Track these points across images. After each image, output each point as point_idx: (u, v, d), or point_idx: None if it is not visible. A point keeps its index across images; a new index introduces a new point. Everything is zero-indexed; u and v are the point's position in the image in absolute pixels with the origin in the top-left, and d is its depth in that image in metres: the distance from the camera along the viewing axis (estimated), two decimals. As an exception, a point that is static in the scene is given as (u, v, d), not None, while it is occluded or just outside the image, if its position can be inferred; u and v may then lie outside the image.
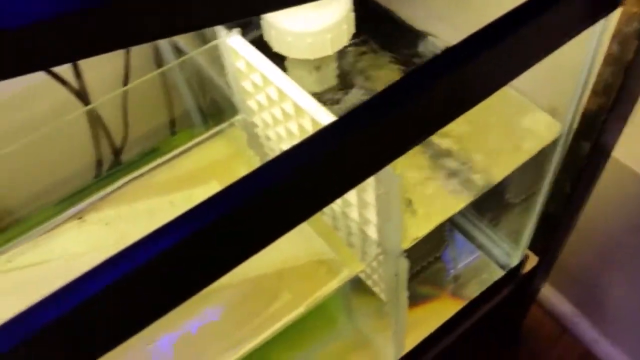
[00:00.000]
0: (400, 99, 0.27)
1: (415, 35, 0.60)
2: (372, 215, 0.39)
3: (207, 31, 0.51)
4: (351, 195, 0.40)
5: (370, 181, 0.36)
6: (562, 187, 0.54)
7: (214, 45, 0.46)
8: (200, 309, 0.48)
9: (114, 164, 0.67)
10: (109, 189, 0.59)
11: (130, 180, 0.59)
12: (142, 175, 0.58)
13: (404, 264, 0.43)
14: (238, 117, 0.54)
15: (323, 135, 0.26)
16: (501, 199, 0.64)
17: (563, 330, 0.82)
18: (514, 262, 0.65)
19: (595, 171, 0.53)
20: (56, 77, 0.58)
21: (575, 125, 0.47)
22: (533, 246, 0.66)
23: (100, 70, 0.61)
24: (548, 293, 0.82)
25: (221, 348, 0.45)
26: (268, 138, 0.48)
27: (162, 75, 0.63)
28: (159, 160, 0.58)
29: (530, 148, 0.49)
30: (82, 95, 0.61)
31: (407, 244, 0.41)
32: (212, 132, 0.59)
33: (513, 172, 0.51)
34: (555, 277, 0.81)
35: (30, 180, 0.61)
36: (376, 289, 0.47)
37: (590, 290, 0.76)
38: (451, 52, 0.28)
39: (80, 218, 0.60)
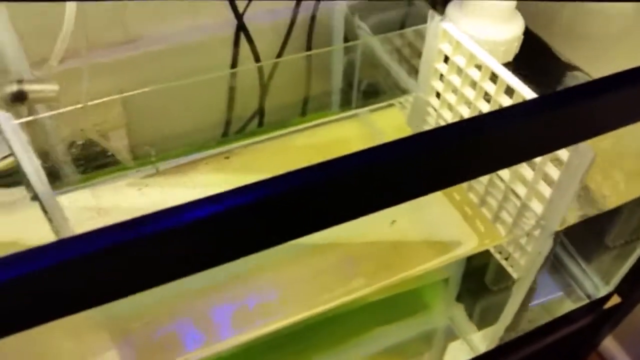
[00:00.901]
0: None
1: (565, 69, 0.67)
2: (546, 190, 0.45)
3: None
4: (526, 169, 0.47)
5: (563, 153, 0.42)
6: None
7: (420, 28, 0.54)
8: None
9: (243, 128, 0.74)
10: (253, 139, 0.66)
11: (273, 137, 0.66)
12: (290, 134, 0.65)
13: (550, 244, 0.49)
14: (405, 97, 0.62)
15: (527, 106, 0.30)
16: (602, 239, 0.70)
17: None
18: (600, 294, 0.70)
19: None
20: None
21: None
22: (619, 287, 0.71)
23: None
24: (610, 345, 0.87)
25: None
26: (442, 117, 0.55)
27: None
28: (307, 124, 0.65)
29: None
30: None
31: (563, 226, 0.47)
32: (368, 109, 0.66)
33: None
34: (619, 329, 0.85)
35: (174, 122, 0.69)
36: (509, 267, 0.53)
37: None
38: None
39: (227, 158, 0.67)
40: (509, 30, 0.61)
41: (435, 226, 0.55)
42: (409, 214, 0.55)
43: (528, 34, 0.64)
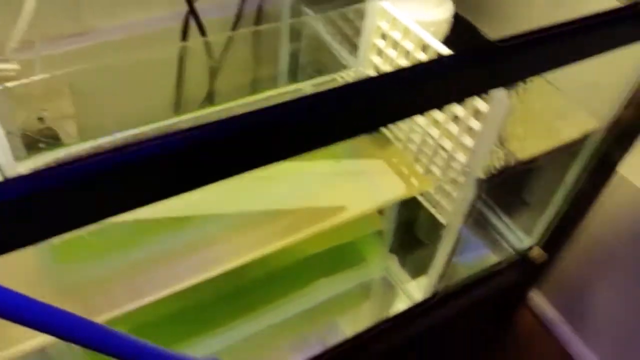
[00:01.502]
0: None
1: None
2: (469, 141, 0.53)
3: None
4: (452, 126, 0.55)
5: (483, 105, 0.50)
6: (583, 187, 0.69)
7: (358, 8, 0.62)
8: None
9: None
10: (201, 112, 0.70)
11: (222, 111, 0.70)
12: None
13: (473, 190, 0.57)
14: (347, 72, 0.69)
15: (445, 59, 0.39)
16: (520, 194, 0.79)
17: (548, 333, 0.95)
18: (525, 246, 0.79)
19: (609, 176, 0.69)
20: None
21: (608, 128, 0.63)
22: (544, 242, 0.81)
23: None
24: (538, 298, 0.97)
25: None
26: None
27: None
28: (254, 98, 0.71)
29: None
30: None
31: (485, 174, 0.56)
32: (311, 83, 0.73)
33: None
34: (546, 283, 0.96)
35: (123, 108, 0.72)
36: (438, 213, 0.61)
37: (576, 297, 0.91)
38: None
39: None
40: (438, 13, 0.70)
41: (371, 181, 0.62)
42: (346, 176, 0.62)
43: (457, 17, 0.73)
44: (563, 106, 0.69)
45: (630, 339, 0.87)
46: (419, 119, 0.58)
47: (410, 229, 0.72)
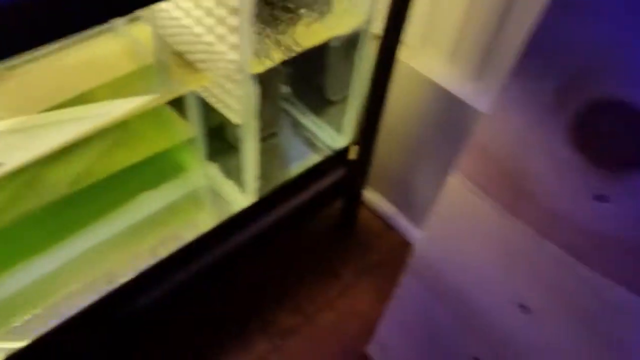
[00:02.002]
0: None
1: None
2: (234, 38, 0.60)
3: None
4: (218, 27, 0.61)
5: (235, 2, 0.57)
6: (374, 78, 0.78)
7: None
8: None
9: None
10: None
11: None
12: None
13: (253, 87, 0.64)
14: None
15: None
16: (324, 94, 0.88)
17: (388, 227, 1.06)
18: (340, 145, 0.88)
19: (392, 64, 0.78)
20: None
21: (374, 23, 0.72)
22: (356, 139, 0.90)
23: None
24: (373, 197, 1.07)
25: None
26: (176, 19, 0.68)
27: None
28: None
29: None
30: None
31: (260, 69, 0.63)
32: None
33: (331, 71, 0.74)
34: (377, 183, 1.06)
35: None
36: (230, 114, 0.67)
37: (402, 188, 1.01)
38: None
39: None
40: None
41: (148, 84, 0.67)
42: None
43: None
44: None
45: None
46: (184, 20, 0.63)
47: (221, 135, 0.78)
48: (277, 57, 0.66)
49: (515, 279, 0.60)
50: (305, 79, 0.90)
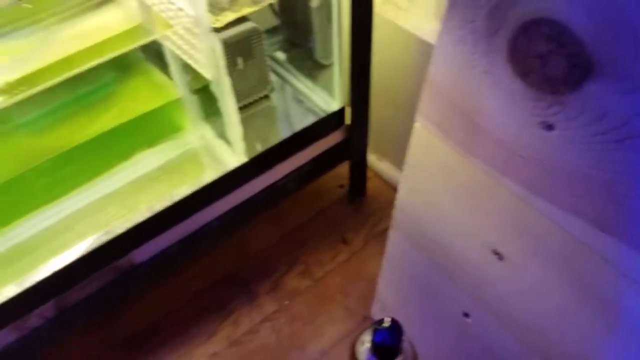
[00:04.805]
0: None
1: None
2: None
3: None
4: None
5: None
6: (354, 32, 0.77)
7: None
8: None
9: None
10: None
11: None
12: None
13: (216, 40, 0.66)
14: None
15: None
16: (314, 57, 0.89)
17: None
18: (334, 108, 0.89)
19: (369, 18, 0.77)
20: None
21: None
22: (349, 100, 0.89)
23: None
24: (382, 165, 1.07)
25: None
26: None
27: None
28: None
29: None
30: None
31: (219, 24, 0.65)
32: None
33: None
34: (384, 150, 1.05)
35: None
36: (201, 70, 0.70)
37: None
38: None
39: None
40: None
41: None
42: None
43: None
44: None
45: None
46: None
47: (211, 97, 0.80)
48: (243, 11, 0.67)
49: (484, 223, 0.59)
50: (297, 43, 0.91)
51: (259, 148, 0.82)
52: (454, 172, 0.59)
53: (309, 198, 1.06)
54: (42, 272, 0.71)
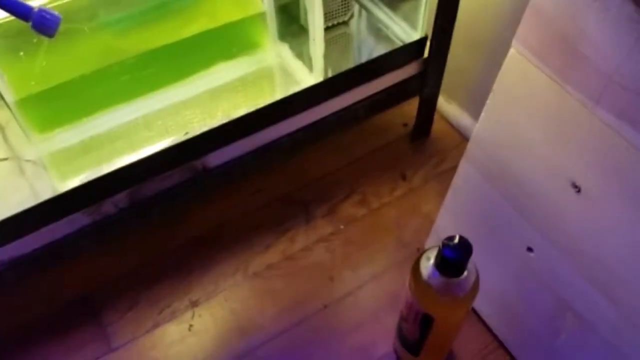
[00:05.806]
0: None
1: None
2: None
3: None
4: None
5: None
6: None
7: None
8: None
9: None
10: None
11: None
12: None
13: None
14: None
15: None
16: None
17: (465, 139, 1.05)
18: (414, 37, 0.88)
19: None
20: None
21: None
22: (431, 33, 0.89)
23: None
24: (450, 108, 1.06)
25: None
26: None
27: None
28: None
29: None
30: None
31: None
32: None
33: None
34: (455, 93, 1.04)
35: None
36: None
37: (481, 98, 0.99)
38: None
39: None
40: None
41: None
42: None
43: None
44: None
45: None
46: None
47: (292, 16, 0.81)
48: None
49: (568, 155, 0.59)
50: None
51: (333, 72, 0.83)
52: (545, 101, 0.58)
53: (372, 133, 1.07)
54: (120, 162, 0.74)
